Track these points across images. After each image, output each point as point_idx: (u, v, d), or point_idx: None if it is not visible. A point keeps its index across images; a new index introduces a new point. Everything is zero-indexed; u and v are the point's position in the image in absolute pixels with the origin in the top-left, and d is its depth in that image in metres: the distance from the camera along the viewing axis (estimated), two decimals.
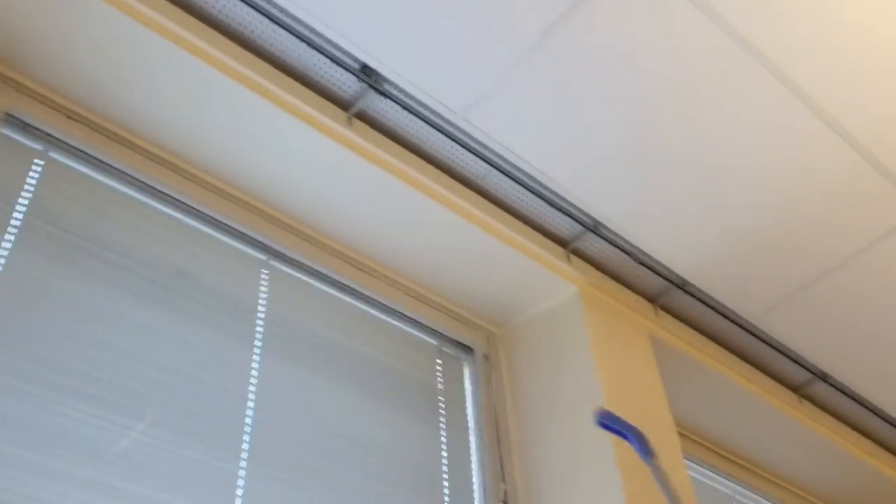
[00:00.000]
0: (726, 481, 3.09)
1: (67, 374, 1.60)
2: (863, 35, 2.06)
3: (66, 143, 1.88)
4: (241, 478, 1.73)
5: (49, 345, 1.61)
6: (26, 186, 1.76)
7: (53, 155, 1.86)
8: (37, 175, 1.80)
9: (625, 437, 1.65)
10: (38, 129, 1.85)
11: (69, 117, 1.89)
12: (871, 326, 2.84)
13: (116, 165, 1.93)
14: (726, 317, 2.81)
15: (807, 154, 2.30)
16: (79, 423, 1.57)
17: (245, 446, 1.78)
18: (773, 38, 2.03)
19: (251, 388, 1.88)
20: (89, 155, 1.91)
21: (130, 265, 1.84)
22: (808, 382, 3.09)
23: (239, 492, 1.71)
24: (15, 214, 1.71)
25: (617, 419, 1.67)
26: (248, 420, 1.83)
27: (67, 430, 1.54)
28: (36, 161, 1.82)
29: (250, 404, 1.86)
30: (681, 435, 3.01)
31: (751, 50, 2.05)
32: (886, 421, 3.28)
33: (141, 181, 1.97)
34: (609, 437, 2.15)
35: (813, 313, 2.79)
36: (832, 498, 3.51)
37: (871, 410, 3.22)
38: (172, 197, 2.01)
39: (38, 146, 1.84)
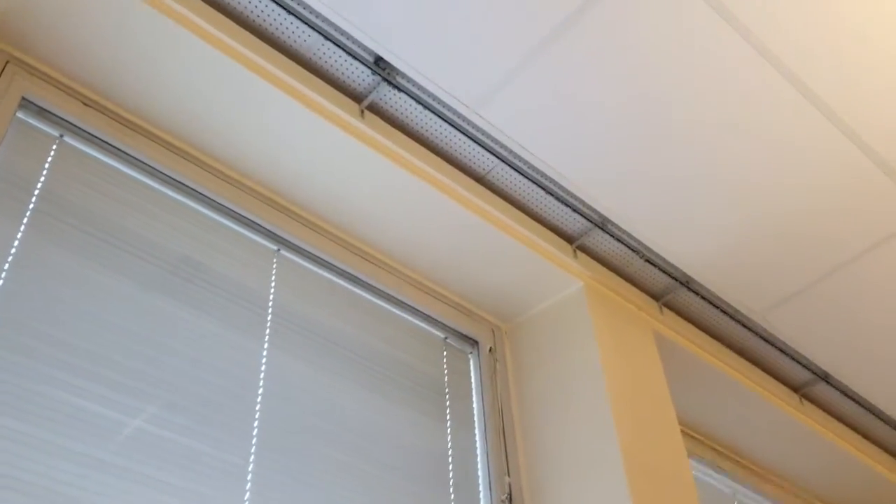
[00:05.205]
0: (727, 480, 3.10)
1: (78, 355, 1.61)
2: (868, 37, 2.08)
3: (82, 129, 1.89)
4: (252, 462, 1.75)
5: (60, 326, 1.62)
6: (43, 171, 1.78)
7: (68, 140, 1.87)
8: (51, 159, 1.81)
9: None
10: (53, 114, 1.86)
11: (85, 104, 1.91)
12: (874, 328, 2.85)
13: (130, 152, 1.95)
14: (730, 315, 2.83)
15: (813, 155, 2.32)
16: (90, 403, 1.58)
17: (255, 432, 1.80)
18: (783, 38, 2.04)
19: (261, 375, 1.90)
20: (104, 141, 1.92)
21: (141, 251, 1.86)
22: (810, 382, 3.10)
23: (248, 476, 1.72)
24: (31, 198, 1.72)
25: None
26: (257, 406, 1.84)
27: (79, 409, 1.56)
28: (51, 146, 1.83)
29: (260, 391, 1.87)
30: (683, 433, 3.02)
31: (760, 49, 2.06)
32: (887, 423, 3.29)
33: (154, 168, 1.98)
34: (613, 431, 2.16)
35: (816, 313, 2.81)
36: (831, 499, 3.52)
37: (872, 412, 3.23)
38: (185, 185, 2.02)
39: (53, 131, 1.86)
